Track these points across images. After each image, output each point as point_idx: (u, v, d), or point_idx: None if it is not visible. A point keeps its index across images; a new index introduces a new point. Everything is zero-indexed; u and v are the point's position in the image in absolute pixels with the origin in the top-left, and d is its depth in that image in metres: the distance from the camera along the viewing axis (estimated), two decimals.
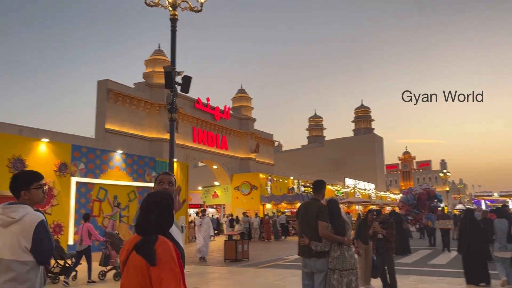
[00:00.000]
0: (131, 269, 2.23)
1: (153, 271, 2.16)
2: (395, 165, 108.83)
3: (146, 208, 2.36)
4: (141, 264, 2.19)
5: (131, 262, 2.24)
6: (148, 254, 2.17)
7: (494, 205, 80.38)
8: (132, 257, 2.24)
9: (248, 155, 35.51)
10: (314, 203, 5.64)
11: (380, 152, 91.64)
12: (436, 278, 10.15)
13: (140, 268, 2.19)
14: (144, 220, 2.32)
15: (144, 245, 2.21)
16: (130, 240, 2.36)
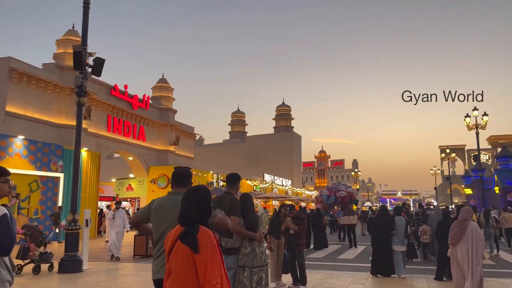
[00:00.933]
0: (179, 257, 2.50)
1: (197, 258, 2.43)
2: (311, 162, 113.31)
3: (188, 201, 2.64)
4: (186, 252, 2.46)
5: (178, 250, 2.51)
6: (192, 243, 2.44)
7: (397, 203, 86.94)
8: (178, 245, 2.51)
9: (167, 147, 34.45)
10: (227, 197, 5.37)
11: (298, 149, 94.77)
12: (343, 272, 10.47)
13: (186, 256, 2.46)
14: (187, 212, 2.60)
15: (188, 235, 2.48)
16: (174, 231, 2.65)
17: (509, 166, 37.68)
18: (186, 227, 2.56)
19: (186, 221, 2.59)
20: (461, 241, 6.65)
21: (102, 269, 11.07)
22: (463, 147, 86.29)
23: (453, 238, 6.78)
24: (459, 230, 6.73)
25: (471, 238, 6.62)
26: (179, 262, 2.51)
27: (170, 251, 2.58)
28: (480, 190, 42.09)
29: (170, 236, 2.66)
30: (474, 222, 6.86)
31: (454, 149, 73.94)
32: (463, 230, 6.68)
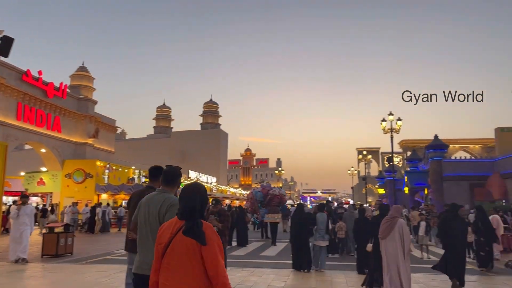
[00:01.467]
0: (180, 249, 2.53)
1: (204, 250, 2.49)
2: (237, 160, 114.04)
3: (190, 197, 2.69)
4: (192, 244, 2.50)
5: (179, 243, 2.55)
6: (200, 236, 2.50)
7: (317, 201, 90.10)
8: (179, 239, 2.55)
9: (85, 140, 32.40)
10: (148, 191, 4.93)
11: (224, 147, 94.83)
12: (266, 269, 10.45)
13: (192, 248, 2.50)
14: (191, 206, 2.64)
15: (194, 228, 2.53)
16: (169, 225, 2.68)
17: (418, 168, 40.81)
18: (188, 221, 2.60)
19: (189, 215, 2.63)
20: (389, 236, 7.07)
21: (3, 270, 9.95)
22: (378, 149, 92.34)
23: (383, 232, 7.20)
24: (389, 226, 7.16)
25: (399, 234, 7.05)
26: (182, 255, 2.54)
27: (167, 245, 2.60)
28: (392, 190, 45.33)
29: (167, 230, 2.68)
30: (402, 220, 7.32)
31: (370, 151, 78.85)
32: (392, 226, 7.11)
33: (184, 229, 2.57)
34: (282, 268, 10.62)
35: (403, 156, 78.21)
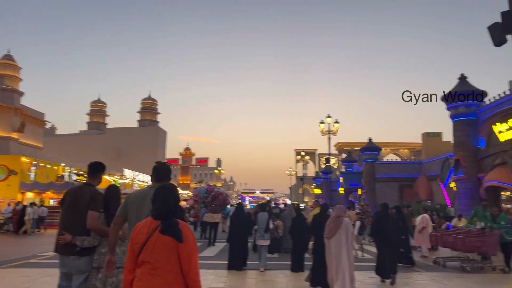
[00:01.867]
0: (158, 248, 2.67)
1: (181, 247, 2.67)
2: (176, 159, 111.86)
3: (165, 197, 2.81)
4: (170, 242, 2.67)
5: (156, 242, 2.68)
6: (177, 234, 2.68)
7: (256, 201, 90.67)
8: (156, 238, 2.69)
9: (9, 134, 29.98)
10: (86, 188, 4.67)
11: (163, 145, 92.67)
12: (204, 270, 10.14)
13: (170, 246, 2.66)
14: (165, 207, 2.78)
15: (171, 227, 2.70)
16: (145, 224, 2.79)
17: (352, 169, 42.44)
18: (165, 220, 2.72)
19: (166, 215, 2.74)
20: (335, 235, 7.22)
21: None
22: (315, 151, 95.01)
23: (329, 232, 7.30)
24: (335, 226, 7.29)
25: (345, 234, 7.24)
26: (160, 253, 2.66)
27: (143, 244, 2.70)
28: (328, 190, 46.82)
29: (142, 230, 2.76)
30: (347, 219, 7.52)
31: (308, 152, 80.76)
32: (338, 226, 7.26)
33: (162, 228, 2.69)
34: (222, 269, 10.38)
35: (338, 157, 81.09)
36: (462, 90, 20.70)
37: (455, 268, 11.02)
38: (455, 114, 20.99)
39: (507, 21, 8.82)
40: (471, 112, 20.49)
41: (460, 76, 21.24)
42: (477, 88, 20.54)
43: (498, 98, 19.13)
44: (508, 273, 10.36)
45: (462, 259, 11.66)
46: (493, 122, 18.59)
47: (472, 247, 10.74)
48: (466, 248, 10.87)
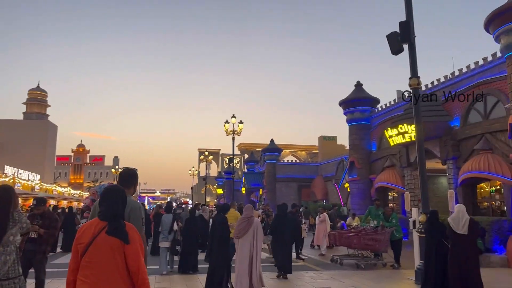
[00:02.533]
0: (104, 248, 2.71)
1: (127, 248, 2.73)
2: (67, 157, 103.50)
3: (114, 199, 2.92)
4: (116, 243, 2.72)
5: (102, 242, 2.72)
6: (124, 236, 2.74)
7: (156, 202, 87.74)
8: (102, 238, 2.73)
9: None
10: None
11: (53, 141, 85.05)
12: None
13: (116, 247, 2.71)
14: (113, 208, 2.85)
15: (118, 229, 2.76)
16: (90, 225, 2.82)
17: (254, 170, 43.14)
18: (112, 222, 2.78)
19: (113, 217, 2.82)
20: (245, 235, 7.30)
21: None
22: (218, 151, 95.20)
23: (240, 232, 7.34)
24: (246, 225, 7.37)
25: (254, 234, 7.33)
26: (106, 253, 2.70)
27: (88, 245, 2.73)
28: (230, 190, 46.99)
29: (88, 230, 2.80)
30: (257, 219, 7.64)
31: (211, 152, 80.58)
32: (249, 225, 7.36)
33: (108, 230, 2.74)
34: None
35: (241, 158, 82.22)
36: (357, 96, 22.09)
37: (350, 265, 11.51)
38: (351, 119, 22.31)
39: (404, 31, 9.40)
40: (365, 117, 21.96)
41: (356, 83, 22.65)
42: (371, 96, 22.07)
43: (388, 106, 20.73)
44: (397, 269, 11.08)
45: (356, 256, 12.26)
46: (384, 128, 20.12)
47: (367, 245, 11.32)
48: (361, 246, 11.42)
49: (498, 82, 13.66)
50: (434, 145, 16.43)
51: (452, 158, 15.45)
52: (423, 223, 9.07)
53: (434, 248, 8.19)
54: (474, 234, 7.18)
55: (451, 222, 7.31)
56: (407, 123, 16.42)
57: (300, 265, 11.81)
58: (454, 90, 15.77)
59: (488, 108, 14.24)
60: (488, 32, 12.76)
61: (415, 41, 9.60)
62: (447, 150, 15.59)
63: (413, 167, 18.08)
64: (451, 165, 15.58)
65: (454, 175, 15.40)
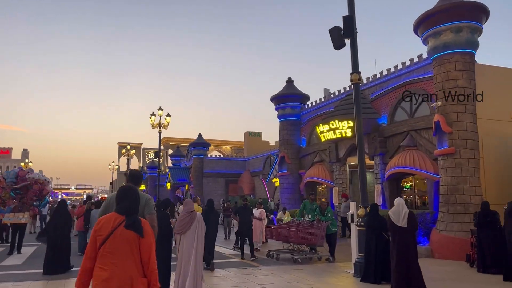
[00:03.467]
0: (121, 240, 3.15)
1: (142, 241, 3.19)
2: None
3: (132, 197, 3.42)
4: (133, 236, 3.17)
5: (120, 234, 3.15)
6: (139, 230, 3.19)
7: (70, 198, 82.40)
8: (121, 231, 3.16)
9: None
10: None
11: None
12: (11, 284, 8.07)
13: (132, 239, 3.16)
14: (131, 205, 3.35)
15: (135, 224, 3.20)
16: (109, 219, 3.25)
17: (181, 165, 42.03)
18: (129, 217, 3.24)
19: (130, 212, 3.28)
20: (188, 231, 6.95)
21: None
22: (140, 145, 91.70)
23: (183, 227, 7.00)
24: (189, 221, 7.04)
25: (195, 229, 7.01)
26: (123, 244, 3.14)
27: (107, 236, 3.16)
28: (152, 185, 45.33)
29: (107, 223, 3.23)
30: (199, 213, 7.28)
31: (132, 146, 77.26)
32: (191, 221, 7.02)
33: (127, 224, 3.19)
34: (35, 280, 8.45)
35: (164, 153, 79.90)
36: (289, 92, 22.28)
37: (287, 260, 11.43)
38: (282, 114, 22.45)
39: (348, 26, 9.44)
40: (296, 113, 22.22)
41: (288, 80, 22.84)
42: (301, 92, 22.39)
43: (319, 102, 21.17)
44: (332, 262, 11.22)
45: (292, 250, 12.24)
46: (314, 124, 20.51)
47: (303, 239, 11.32)
48: (298, 240, 11.40)
49: (423, 82, 14.45)
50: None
51: (379, 154, 16.11)
52: (362, 217, 9.23)
53: (375, 241, 8.33)
54: (413, 227, 7.37)
55: (391, 215, 7.43)
56: (338, 120, 16.82)
57: (237, 261, 11.50)
58: (383, 89, 16.46)
59: (413, 107, 15.03)
60: (416, 34, 13.40)
61: (357, 36, 9.74)
62: (375, 146, 16.23)
63: (342, 162, 18.66)
64: (378, 161, 16.26)
65: (381, 170, 16.08)
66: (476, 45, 12.52)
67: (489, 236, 9.33)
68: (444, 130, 12.23)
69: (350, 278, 8.97)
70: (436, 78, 12.78)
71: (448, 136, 12.26)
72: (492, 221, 9.38)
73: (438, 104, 12.56)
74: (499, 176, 13.20)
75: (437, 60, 12.75)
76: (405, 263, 7.18)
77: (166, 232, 7.35)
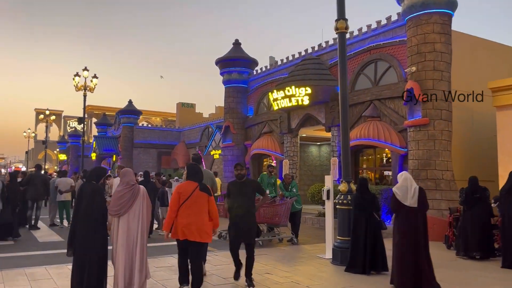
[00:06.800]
0: (199, 199, 5.23)
1: (210, 198, 5.33)
2: None
3: (199, 171, 5.55)
4: (205, 196, 5.29)
5: (197, 194, 5.24)
6: (208, 191, 5.36)
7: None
8: (197, 193, 5.24)
9: None
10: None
11: None
12: None
13: (204, 197, 5.27)
14: (198, 175, 5.45)
15: (205, 187, 5.39)
16: (187, 185, 5.34)
17: (107, 133, 38.42)
18: (201, 183, 5.39)
19: (201, 180, 5.43)
20: (129, 212, 5.19)
21: None
22: (60, 113, 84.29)
23: (121, 207, 5.20)
24: (131, 198, 5.24)
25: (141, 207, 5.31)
26: (199, 201, 5.22)
27: (188, 196, 5.20)
28: (75, 155, 41.24)
29: (187, 187, 5.31)
30: (142, 187, 5.49)
31: (52, 113, 70.52)
32: (134, 198, 5.24)
33: (200, 188, 5.30)
34: None
35: (88, 122, 74.02)
36: (236, 56, 20.26)
37: None
38: (228, 79, 20.44)
39: None
40: (243, 79, 20.32)
41: (235, 42, 20.77)
42: (249, 56, 20.47)
43: (269, 68, 19.42)
44: (296, 244, 9.76)
45: None
46: (263, 92, 18.81)
47: (265, 218, 9.68)
48: (259, 219, 9.70)
49: (392, 47, 13.24)
50: (319, 111, 15.66)
51: (337, 125, 14.84)
52: (345, 193, 7.74)
53: (364, 223, 6.88)
54: (425, 207, 5.96)
55: (397, 192, 5.95)
56: (295, 86, 15.21)
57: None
58: None
59: (378, 74, 13.84)
60: None
61: None
62: (332, 117, 14.93)
63: (294, 133, 17.22)
64: (336, 132, 14.99)
65: (338, 142, 14.87)
66: (455, 6, 11.46)
67: (476, 216, 8.32)
68: (417, 98, 11.11)
69: (329, 266, 7.50)
70: (411, 40, 11.56)
71: (421, 106, 11.17)
72: (481, 198, 8.36)
73: (413, 70, 11.39)
74: (466, 151, 12.51)
75: (413, 21, 11.51)
76: (414, 250, 5.79)
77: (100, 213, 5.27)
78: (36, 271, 6.68)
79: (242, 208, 5.86)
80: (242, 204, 5.88)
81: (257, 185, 6.41)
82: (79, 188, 5.53)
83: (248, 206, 5.94)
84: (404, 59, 12.66)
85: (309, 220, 13.94)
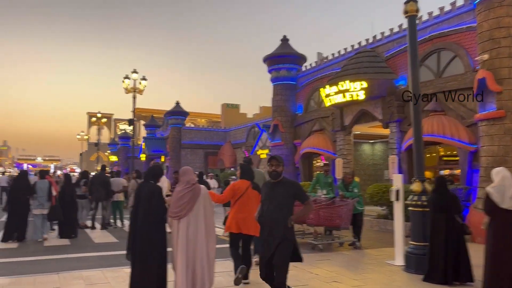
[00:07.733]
0: (250, 195, 5.76)
1: (259, 196, 5.20)
2: None
3: (251, 171, 6.15)
4: (256, 193, 5.68)
5: (250, 192, 5.79)
6: (259, 190, 5.31)
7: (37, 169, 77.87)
8: (250, 190, 5.80)
9: None
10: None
11: None
12: None
13: (256, 195, 5.65)
14: (252, 176, 6.06)
15: (257, 186, 5.86)
16: (241, 183, 5.88)
17: (156, 135, 39.06)
18: (252, 182, 5.95)
19: (253, 179, 5.99)
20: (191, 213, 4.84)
21: None
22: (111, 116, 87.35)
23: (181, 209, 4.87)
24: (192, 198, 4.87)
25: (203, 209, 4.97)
26: (250, 198, 5.75)
27: (243, 193, 5.75)
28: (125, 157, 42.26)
29: (241, 185, 5.85)
30: (204, 187, 5.19)
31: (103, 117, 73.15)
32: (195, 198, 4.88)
33: (253, 186, 5.88)
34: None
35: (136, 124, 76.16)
36: (284, 52, 19.69)
37: (302, 245, 9.17)
38: (276, 77, 19.91)
39: None
40: (292, 76, 19.73)
41: (283, 38, 20.20)
42: (298, 52, 19.84)
43: (319, 63, 18.71)
44: (359, 249, 9.05)
45: (304, 233, 10.01)
46: (316, 87, 18.14)
47: (325, 220, 9.04)
48: (318, 222, 9.11)
49: (457, 34, 12.16)
50: (375, 106, 14.77)
51: (396, 120, 13.91)
52: (419, 194, 6.98)
53: (445, 228, 6.11)
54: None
55: (493, 193, 5.16)
56: (350, 80, 14.42)
57: None
58: (401, 45, 14.11)
59: (441, 65, 12.79)
60: None
61: None
62: (391, 112, 14.00)
63: (347, 131, 16.41)
64: (394, 129, 14.05)
65: (397, 139, 13.92)
66: None
67: None
68: (491, 89, 10.05)
69: (401, 274, 6.77)
70: (482, 26, 10.49)
71: (496, 97, 10.10)
72: None
73: (484, 58, 10.33)
74: None
75: (484, 4, 10.44)
76: (509, 260, 5.00)
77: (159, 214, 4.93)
78: (92, 274, 6.46)
79: (271, 218, 4.44)
80: (271, 212, 4.45)
81: (296, 188, 4.64)
82: (136, 189, 5.20)
83: (278, 216, 4.40)
84: (472, 47, 11.58)
85: (367, 222, 13.08)
